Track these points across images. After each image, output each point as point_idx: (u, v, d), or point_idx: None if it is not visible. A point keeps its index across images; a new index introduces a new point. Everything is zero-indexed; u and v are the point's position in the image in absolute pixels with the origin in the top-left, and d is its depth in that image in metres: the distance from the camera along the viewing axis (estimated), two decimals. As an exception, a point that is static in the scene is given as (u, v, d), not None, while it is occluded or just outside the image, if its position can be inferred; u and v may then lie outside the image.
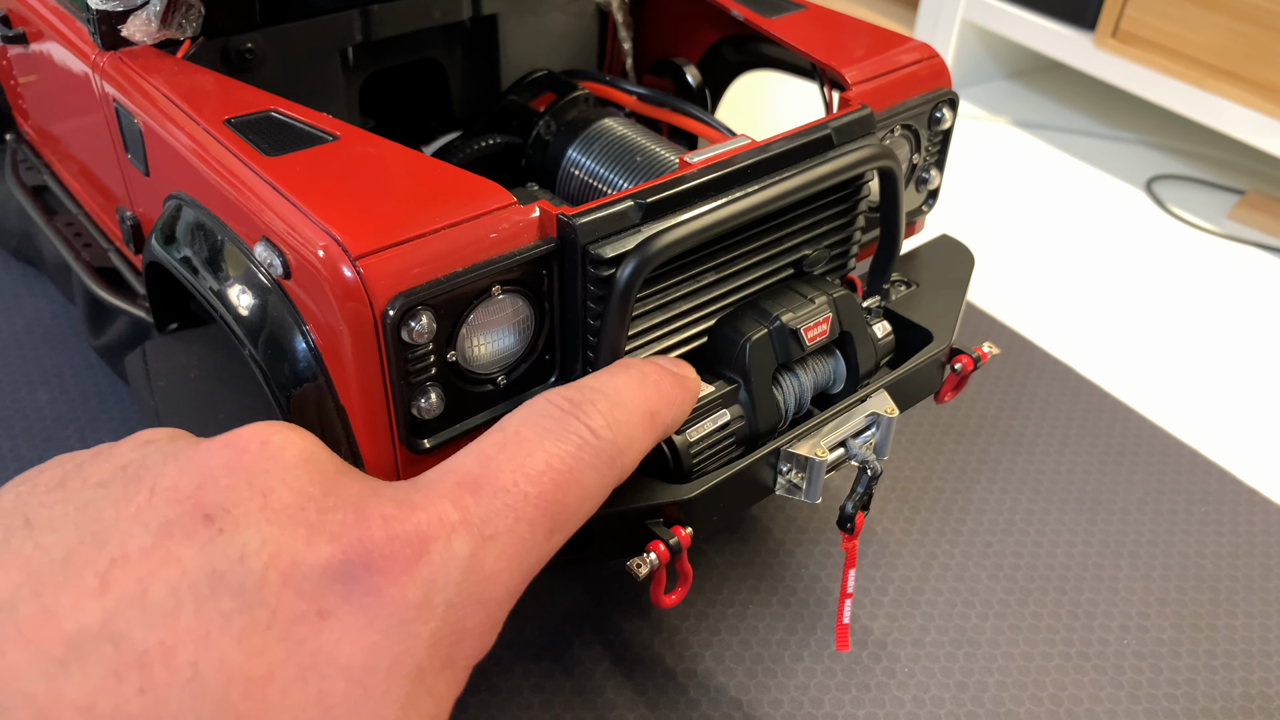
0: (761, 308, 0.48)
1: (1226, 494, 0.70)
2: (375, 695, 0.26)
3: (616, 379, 0.37)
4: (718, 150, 0.47)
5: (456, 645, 0.28)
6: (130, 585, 0.25)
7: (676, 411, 0.39)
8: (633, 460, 0.35)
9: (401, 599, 0.27)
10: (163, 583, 0.25)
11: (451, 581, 0.28)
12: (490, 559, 0.29)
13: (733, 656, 0.57)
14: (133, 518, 0.27)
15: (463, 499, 0.30)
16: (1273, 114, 0.97)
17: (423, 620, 0.27)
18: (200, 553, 0.26)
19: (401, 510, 0.29)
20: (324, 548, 0.27)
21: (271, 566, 0.26)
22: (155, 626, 0.24)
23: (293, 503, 0.28)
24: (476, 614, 0.29)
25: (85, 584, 0.25)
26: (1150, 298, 0.92)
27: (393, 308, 0.38)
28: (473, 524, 0.29)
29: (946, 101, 0.58)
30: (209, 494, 0.27)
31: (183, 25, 0.53)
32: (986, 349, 0.55)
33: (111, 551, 0.26)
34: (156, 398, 0.56)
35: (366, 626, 0.27)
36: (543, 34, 0.72)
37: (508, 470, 0.31)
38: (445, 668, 0.28)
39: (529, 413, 0.34)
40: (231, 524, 0.27)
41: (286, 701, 0.25)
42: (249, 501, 0.27)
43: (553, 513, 0.31)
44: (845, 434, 0.48)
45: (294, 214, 0.40)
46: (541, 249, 0.42)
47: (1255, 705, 0.56)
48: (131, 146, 0.53)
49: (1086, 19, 1.11)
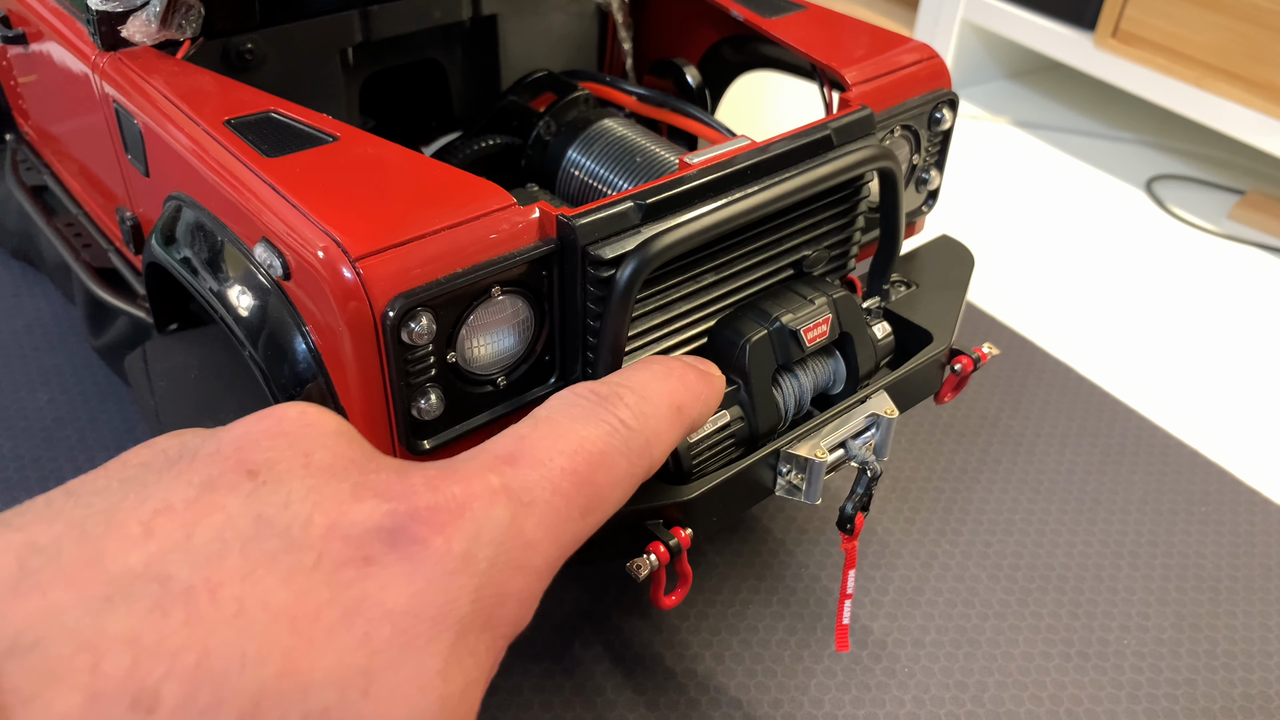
0: (761, 309, 0.48)
1: (1226, 494, 0.70)
2: (420, 643, 0.26)
3: (641, 374, 0.37)
4: (717, 151, 0.47)
5: (498, 608, 0.28)
6: (174, 531, 0.25)
7: (702, 406, 0.39)
8: (661, 453, 0.35)
9: (447, 550, 0.27)
10: (206, 528, 0.25)
11: (494, 540, 0.28)
12: (530, 525, 0.29)
13: (733, 656, 0.57)
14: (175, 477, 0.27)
15: (501, 469, 0.30)
16: (1273, 114, 0.97)
17: (467, 573, 0.27)
18: (245, 501, 0.26)
19: (444, 475, 0.29)
20: (369, 500, 0.27)
21: (317, 512, 0.27)
22: (200, 566, 0.24)
23: (335, 463, 0.28)
24: (517, 579, 0.29)
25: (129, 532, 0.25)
26: (1150, 298, 0.92)
27: (392, 309, 0.38)
28: (512, 490, 0.30)
29: (946, 102, 0.58)
30: (251, 453, 0.28)
31: (182, 26, 0.53)
32: (986, 349, 0.55)
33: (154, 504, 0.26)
34: (156, 398, 0.56)
35: (412, 574, 0.27)
36: (543, 34, 0.72)
37: (542, 447, 0.31)
38: (486, 629, 0.28)
39: (558, 403, 0.34)
40: (275, 478, 0.27)
41: (332, 641, 0.25)
42: (292, 460, 0.28)
43: (586, 491, 0.32)
44: (845, 435, 0.48)
45: (294, 215, 0.40)
46: (541, 250, 0.42)
47: (1255, 705, 0.56)
48: (131, 147, 0.53)
49: (1086, 19, 1.11)
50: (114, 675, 0.22)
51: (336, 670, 0.25)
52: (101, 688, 0.22)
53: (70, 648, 0.22)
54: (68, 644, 0.22)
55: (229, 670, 0.23)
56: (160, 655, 0.23)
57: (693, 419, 0.38)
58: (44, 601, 0.23)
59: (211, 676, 0.23)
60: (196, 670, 0.23)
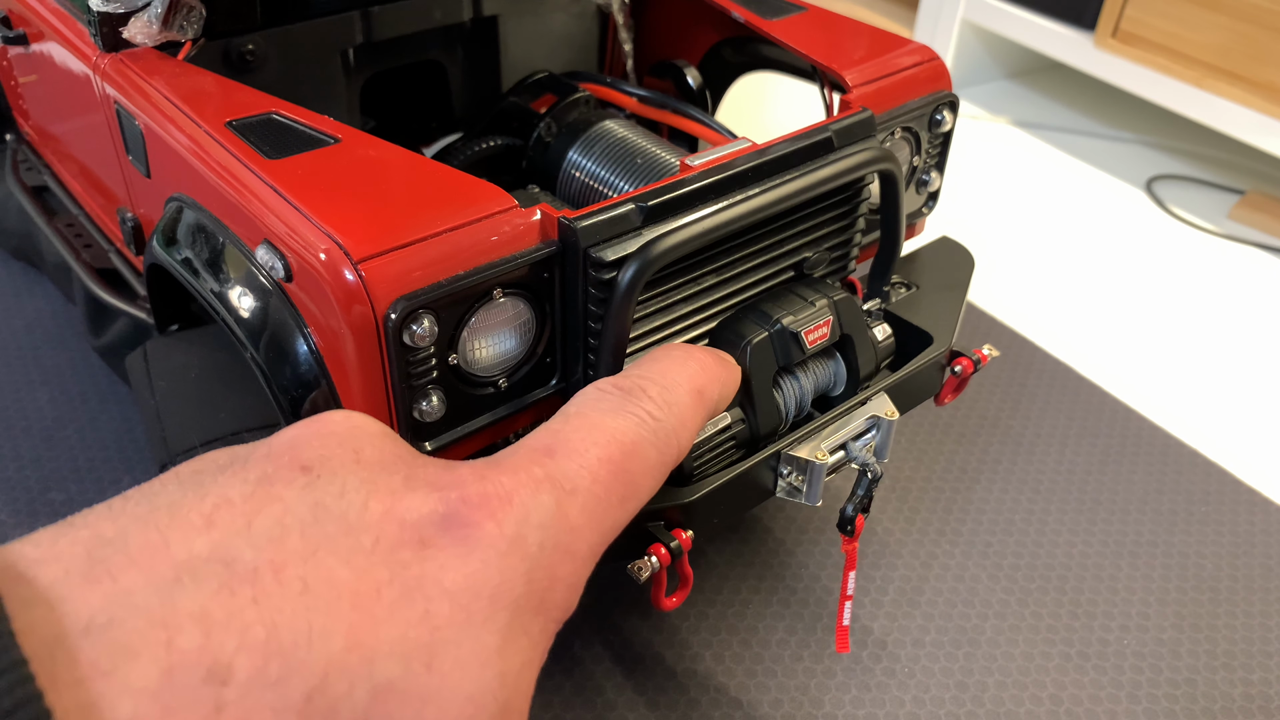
0: (762, 310, 0.48)
1: (1226, 494, 0.70)
2: (479, 620, 0.27)
3: (660, 363, 0.38)
4: (718, 153, 0.47)
5: (549, 591, 0.29)
6: (235, 520, 0.26)
7: (722, 389, 0.39)
8: (687, 440, 0.36)
9: (499, 533, 0.28)
10: (267, 516, 0.26)
11: (542, 524, 0.29)
12: (574, 511, 0.30)
13: (733, 656, 0.57)
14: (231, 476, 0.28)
15: (542, 460, 0.31)
16: (1273, 114, 0.97)
17: (519, 556, 0.28)
18: (302, 492, 0.27)
19: (489, 466, 0.30)
20: (421, 489, 0.28)
21: (372, 499, 0.27)
22: (263, 549, 0.25)
23: (384, 459, 0.29)
24: (565, 563, 0.30)
25: (191, 523, 0.26)
26: (1150, 298, 0.92)
27: (394, 311, 0.38)
28: (555, 479, 0.30)
29: (947, 104, 0.58)
30: (304, 451, 0.29)
31: (184, 27, 0.53)
32: (986, 351, 0.55)
33: (214, 499, 0.26)
34: (157, 398, 0.56)
35: (467, 555, 0.27)
36: (543, 35, 0.72)
37: (576, 439, 0.32)
38: (539, 612, 0.29)
39: (585, 399, 0.35)
40: (329, 471, 0.28)
41: (394, 617, 0.26)
42: (343, 456, 0.29)
43: (623, 479, 0.32)
44: (845, 437, 0.48)
45: (295, 217, 0.40)
46: (543, 252, 0.42)
47: (1255, 705, 0.56)
48: (132, 148, 0.53)
49: (1086, 19, 1.11)
50: (188, 650, 0.23)
51: (400, 644, 0.25)
52: (176, 661, 0.23)
53: (144, 624, 0.23)
54: (141, 621, 0.23)
55: (297, 644, 0.24)
56: (231, 630, 0.23)
57: (714, 402, 0.39)
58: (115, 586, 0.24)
59: (281, 649, 0.24)
60: (266, 644, 0.24)
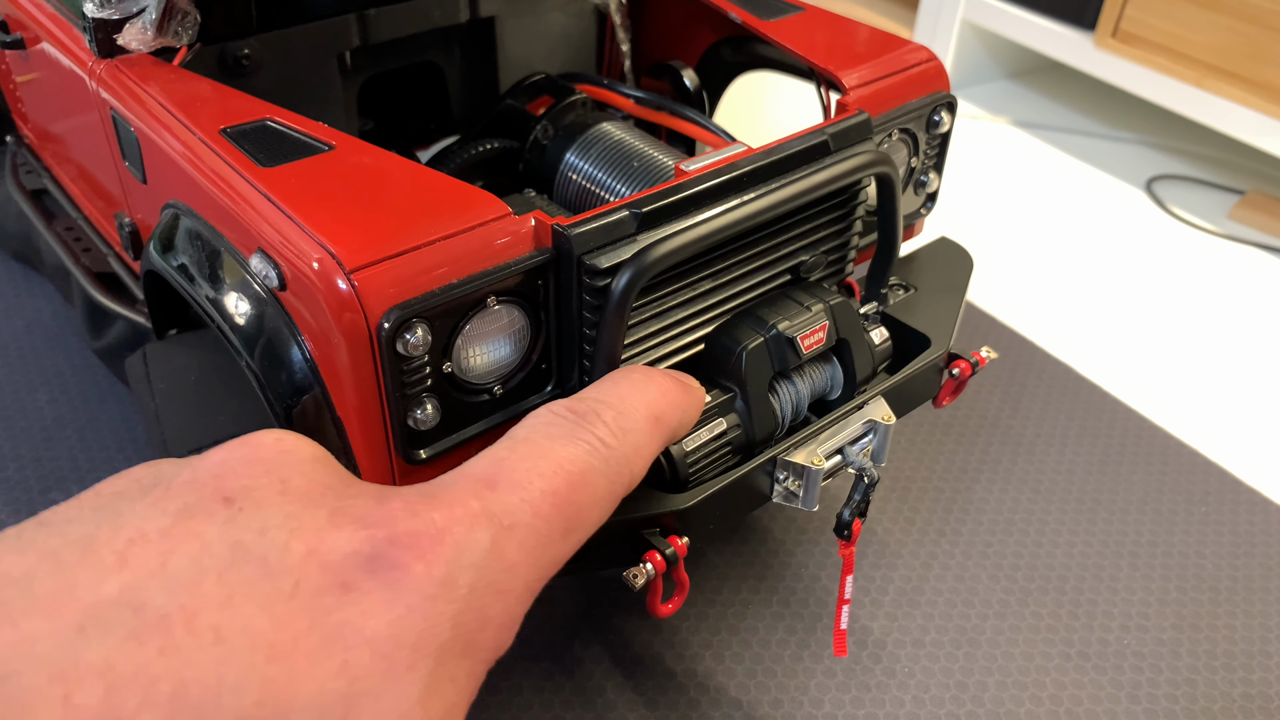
0: (758, 316, 0.48)
1: (1226, 494, 0.70)
2: (400, 670, 0.26)
3: (619, 386, 0.37)
4: (714, 158, 0.47)
5: (478, 633, 0.28)
6: (150, 559, 0.25)
7: (682, 415, 0.38)
8: (641, 467, 0.35)
9: (427, 575, 0.27)
10: (182, 555, 0.25)
11: (474, 564, 0.28)
12: (510, 549, 0.29)
13: (733, 656, 0.57)
14: (150, 505, 0.27)
15: (481, 492, 0.30)
16: (1273, 114, 0.97)
17: (447, 599, 0.27)
18: (222, 528, 0.26)
19: (423, 499, 0.29)
20: (347, 527, 0.27)
21: (294, 539, 0.26)
22: (176, 593, 0.24)
23: (312, 490, 0.28)
24: (497, 603, 0.29)
25: (103, 561, 0.25)
26: (1150, 298, 0.92)
27: (388, 320, 0.38)
28: (493, 514, 0.29)
29: (945, 105, 0.58)
30: (227, 481, 0.27)
31: (179, 33, 0.53)
32: (985, 353, 0.55)
33: (129, 533, 0.25)
34: (157, 400, 0.56)
35: (392, 601, 0.26)
36: (541, 36, 0.72)
37: (521, 469, 0.31)
38: (466, 655, 0.28)
39: (535, 422, 0.34)
40: (252, 504, 0.27)
41: (312, 669, 0.25)
42: (268, 487, 0.28)
43: (567, 512, 0.31)
44: (842, 441, 0.48)
45: (289, 226, 0.40)
46: (537, 259, 0.42)
47: (1255, 705, 0.56)
48: (129, 154, 0.53)
49: (1086, 19, 1.11)
50: (87, 705, 0.22)
51: (316, 698, 0.24)
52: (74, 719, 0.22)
53: (43, 678, 0.22)
54: (40, 675, 0.22)
55: (206, 699, 0.23)
56: (135, 685, 0.23)
57: (673, 428, 0.38)
58: (16, 633, 0.23)
59: (188, 706, 0.23)
60: (172, 700, 0.23)
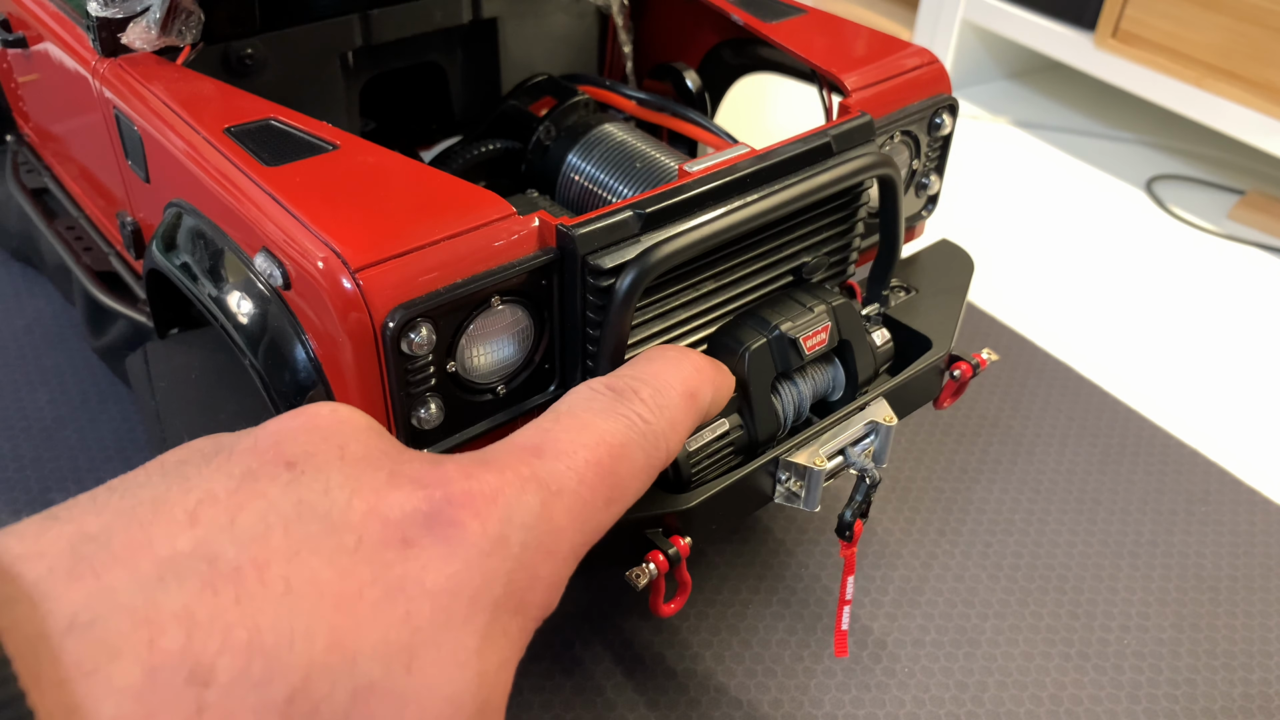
0: (760, 316, 0.48)
1: (1226, 494, 0.70)
2: (458, 621, 0.27)
3: (654, 364, 0.38)
4: (717, 159, 0.47)
5: (529, 591, 0.29)
6: (219, 516, 0.26)
7: (715, 392, 0.39)
8: (677, 443, 0.36)
9: (482, 533, 0.28)
10: (250, 513, 0.26)
11: (525, 524, 0.29)
12: (559, 512, 0.30)
13: (733, 656, 0.57)
14: (216, 469, 0.28)
15: (529, 459, 0.31)
16: (1273, 114, 0.97)
17: (501, 556, 0.28)
18: (286, 488, 0.27)
19: (476, 464, 0.30)
20: (405, 487, 0.28)
21: (356, 497, 0.27)
22: (246, 547, 0.25)
23: (369, 455, 0.29)
24: (546, 563, 0.30)
25: (175, 518, 0.26)
26: (1150, 298, 0.92)
27: (392, 319, 0.38)
28: (541, 479, 0.30)
29: (946, 107, 0.58)
30: (288, 446, 0.29)
31: (182, 32, 0.53)
32: (985, 355, 0.55)
33: (198, 494, 0.26)
34: (158, 399, 0.56)
35: (449, 555, 0.27)
36: (543, 37, 0.72)
37: (565, 440, 0.32)
38: (518, 611, 0.29)
39: (575, 399, 0.35)
40: (314, 467, 0.28)
41: (376, 618, 0.26)
42: (328, 452, 0.29)
43: (609, 482, 0.32)
44: (844, 442, 0.48)
45: (293, 225, 0.40)
46: (541, 259, 0.42)
47: (1255, 705, 0.56)
48: (132, 153, 0.53)
49: (1086, 19, 1.11)
50: (170, 650, 0.23)
51: (381, 646, 0.26)
52: (159, 662, 0.23)
53: (127, 624, 0.23)
54: (125, 620, 0.23)
55: (279, 645, 0.24)
56: (214, 631, 0.24)
57: (706, 406, 0.39)
58: (98, 583, 0.24)
59: (263, 651, 0.24)
60: (248, 645, 0.24)
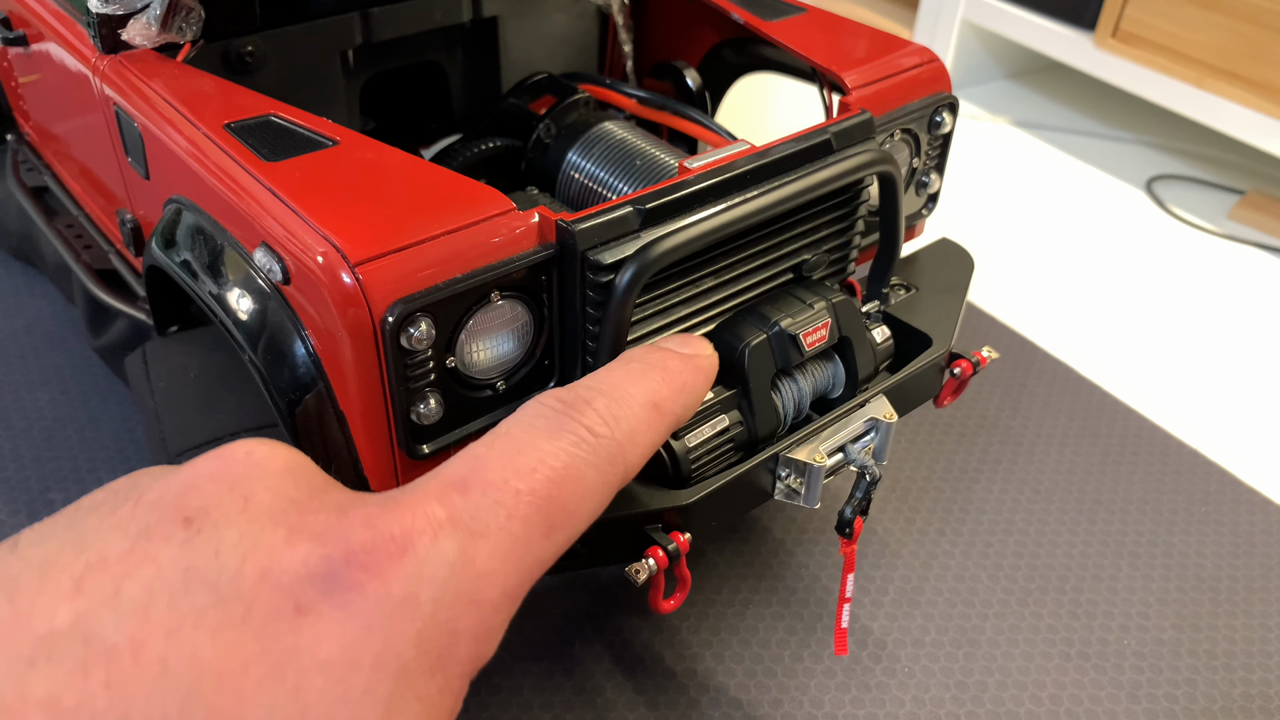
0: (761, 313, 0.48)
1: (1226, 494, 0.70)
2: (356, 694, 0.25)
3: (614, 374, 0.36)
4: (717, 156, 0.47)
5: (448, 648, 0.27)
6: (104, 586, 0.25)
7: (686, 398, 0.37)
8: (637, 457, 0.34)
9: (384, 594, 0.26)
10: (136, 581, 0.25)
11: (439, 578, 0.27)
12: (482, 557, 0.28)
13: (733, 656, 0.57)
14: (114, 526, 0.26)
15: (449, 498, 0.29)
16: (1273, 114, 0.97)
17: (408, 617, 0.26)
18: (177, 552, 0.26)
19: (385, 510, 0.28)
20: (303, 545, 0.26)
21: (248, 562, 0.26)
22: (126, 623, 0.24)
23: (274, 505, 0.27)
24: (469, 615, 0.28)
25: (60, 587, 0.25)
26: (1150, 298, 0.92)
27: (392, 314, 0.38)
28: (460, 521, 0.28)
29: (946, 105, 0.58)
30: (190, 499, 0.27)
31: (183, 29, 0.53)
32: (985, 353, 0.55)
33: (89, 557, 0.25)
34: (156, 398, 0.56)
35: (347, 622, 0.26)
36: (543, 36, 0.72)
37: (496, 468, 0.30)
38: (435, 672, 0.27)
39: (522, 415, 0.33)
40: (210, 525, 0.26)
41: (261, 697, 0.24)
42: (230, 505, 0.27)
43: (549, 510, 0.30)
44: (844, 439, 0.48)
45: (293, 220, 0.40)
46: (540, 255, 0.42)
47: (1255, 705, 0.56)
48: (131, 150, 0.53)
49: (1086, 19, 1.11)
50: None
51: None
52: None
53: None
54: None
55: None
56: (80, 718, 0.23)
57: (675, 415, 0.36)
58: None
59: None
60: None
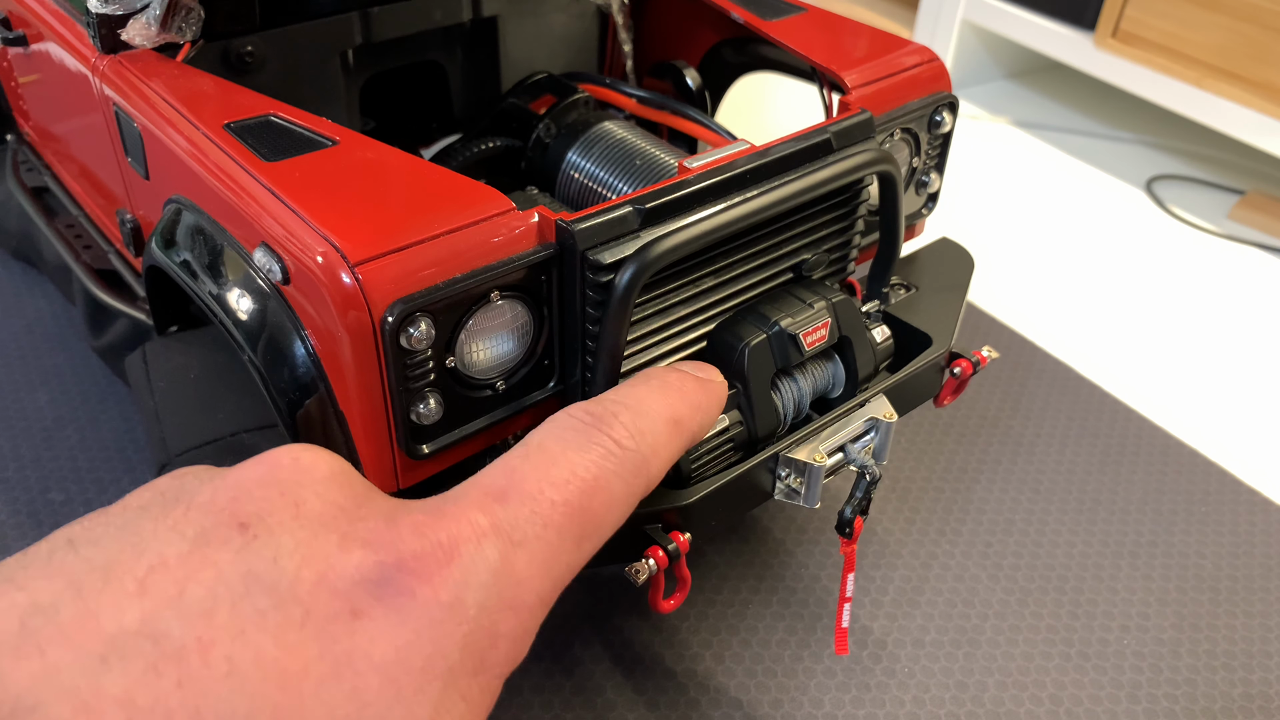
0: (760, 313, 0.48)
1: (1226, 494, 0.70)
2: (409, 693, 0.27)
3: (637, 389, 0.37)
4: (717, 155, 0.47)
5: (489, 650, 0.29)
6: (168, 588, 0.26)
7: (703, 416, 0.39)
8: (659, 469, 0.36)
9: (434, 599, 0.28)
10: (199, 584, 0.26)
11: (483, 584, 0.29)
12: (520, 564, 0.30)
13: (733, 656, 0.57)
14: (170, 529, 0.27)
15: (490, 507, 0.30)
16: (1273, 114, 0.97)
17: (455, 621, 0.28)
18: (236, 557, 0.27)
19: (431, 518, 0.30)
20: (356, 552, 0.28)
21: (305, 567, 0.27)
22: (192, 624, 0.25)
23: (325, 512, 0.29)
24: (508, 619, 0.29)
25: (124, 588, 0.25)
26: (1150, 298, 0.92)
27: (391, 314, 0.38)
28: (501, 530, 0.30)
29: (946, 105, 0.58)
30: (243, 505, 0.28)
31: (182, 29, 0.53)
32: (986, 353, 0.55)
33: (149, 559, 0.26)
34: (156, 398, 0.56)
35: (400, 625, 0.27)
36: (543, 36, 0.72)
37: (533, 479, 0.32)
38: (478, 673, 0.29)
39: (551, 427, 0.34)
40: (266, 530, 0.28)
41: (321, 696, 0.25)
42: (282, 511, 0.28)
43: (580, 520, 0.32)
44: (844, 439, 0.48)
45: (293, 220, 0.40)
46: (540, 255, 0.42)
47: (1255, 705, 0.56)
48: (131, 150, 0.53)
49: (1086, 19, 1.11)
50: None
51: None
52: None
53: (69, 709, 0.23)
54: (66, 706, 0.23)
55: None
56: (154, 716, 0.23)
57: (693, 431, 0.38)
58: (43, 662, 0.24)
59: None
60: None
